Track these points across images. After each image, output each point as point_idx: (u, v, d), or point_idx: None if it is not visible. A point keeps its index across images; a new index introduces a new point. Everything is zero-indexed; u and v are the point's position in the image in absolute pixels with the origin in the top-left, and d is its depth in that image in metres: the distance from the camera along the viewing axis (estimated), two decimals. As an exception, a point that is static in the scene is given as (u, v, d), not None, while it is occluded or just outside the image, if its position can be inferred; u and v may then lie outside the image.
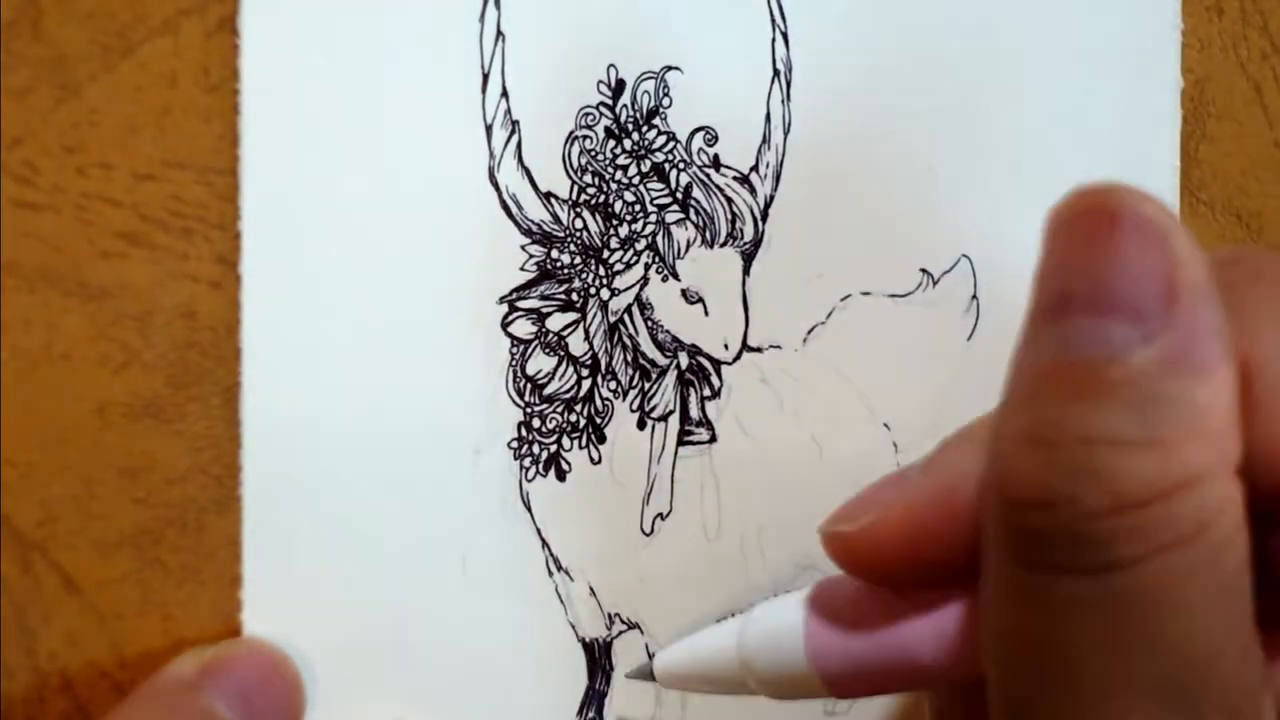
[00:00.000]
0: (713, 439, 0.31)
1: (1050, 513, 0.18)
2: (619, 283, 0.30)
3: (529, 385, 0.29)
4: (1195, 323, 0.18)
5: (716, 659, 0.26)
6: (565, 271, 0.29)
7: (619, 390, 0.30)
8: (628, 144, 0.29)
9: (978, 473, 0.20)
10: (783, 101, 0.31)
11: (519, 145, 0.28)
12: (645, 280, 0.30)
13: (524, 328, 0.29)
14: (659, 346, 0.30)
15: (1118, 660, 0.18)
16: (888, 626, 0.22)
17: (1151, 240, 0.18)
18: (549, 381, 0.29)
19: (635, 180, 0.30)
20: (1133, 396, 0.18)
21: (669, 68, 0.30)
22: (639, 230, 0.30)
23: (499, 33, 0.28)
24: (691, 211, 0.30)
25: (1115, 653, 0.18)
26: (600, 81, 0.29)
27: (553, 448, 0.29)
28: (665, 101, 0.30)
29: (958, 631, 0.22)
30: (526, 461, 0.29)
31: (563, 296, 0.29)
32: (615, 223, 0.29)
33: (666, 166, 0.30)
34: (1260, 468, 0.19)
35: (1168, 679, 0.18)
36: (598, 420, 0.30)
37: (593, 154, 0.29)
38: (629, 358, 0.30)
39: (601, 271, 0.29)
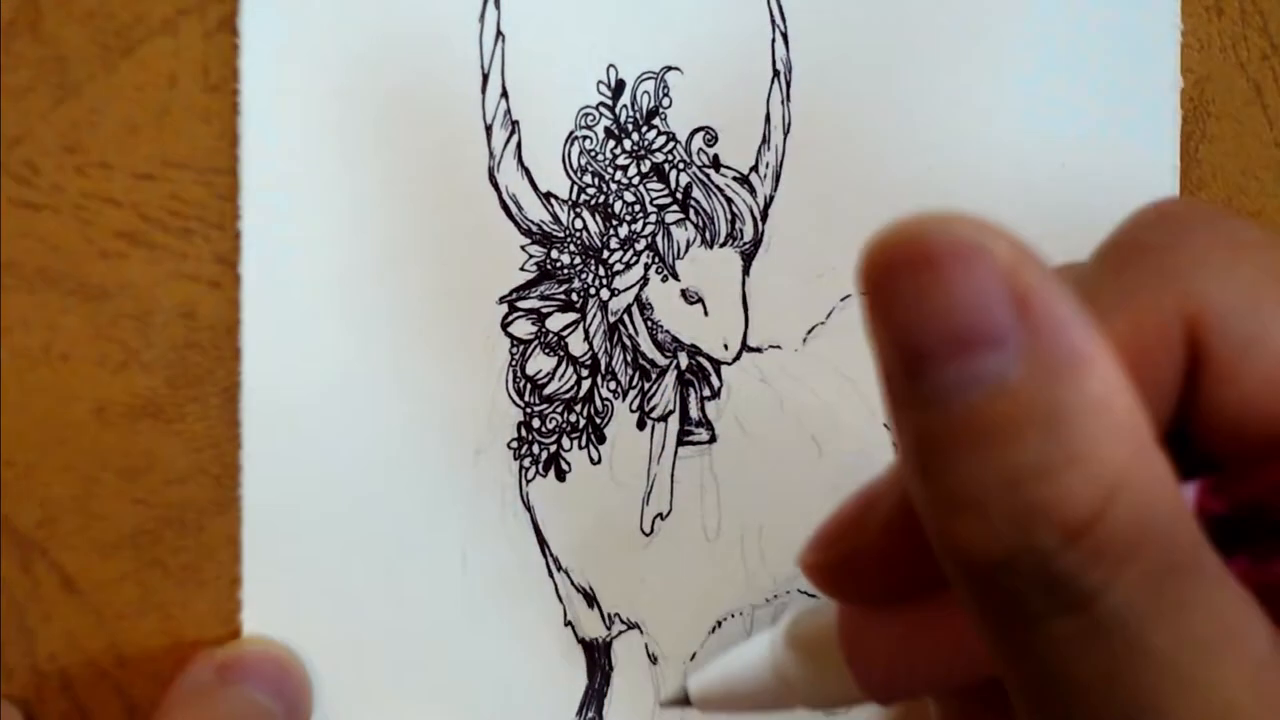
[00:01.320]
0: (713, 439, 0.31)
1: (1015, 567, 0.17)
2: (619, 283, 0.30)
3: (529, 385, 0.29)
4: (1054, 319, 0.17)
5: (752, 674, 0.25)
6: (565, 272, 0.29)
7: (619, 390, 0.30)
8: (627, 144, 0.29)
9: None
10: (782, 102, 0.31)
11: (519, 145, 0.28)
12: (645, 280, 0.30)
13: (524, 328, 0.29)
14: (659, 347, 0.30)
15: (1130, 680, 0.18)
16: (913, 630, 0.22)
17: (974, 258, 0.17)
18: (549, 381, 0.29)
19: (635, 180, 0.30)
20: (1032, 420, 0.17)
21: (669, 68, 0.30)
22: (639, 230, 0.30)
23: (499, 33, 0.28)
24: (691, 212, 0.30)
25: (1126, 674, 0.18)
26: (600, 82, 0.29)
27: (553, 448, 0.29)
28: (665, 102, 0.30)
29: (960, 637, 0.21)
30: (526, 461, 0.29)
31: (562, 297, 0.29)
32: (615, 223, 0.29)
33: (666, 167, 0.30)
34: (1236, 427, 0.18)
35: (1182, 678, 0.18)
36: (598, 420, 0.30)
37: (592, 154, 0.29)
38: (629, 358, 0.30)
39: (601, 272, 0.29)
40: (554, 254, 0.29)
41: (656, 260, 0.30)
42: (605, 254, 0.29)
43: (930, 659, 0.22)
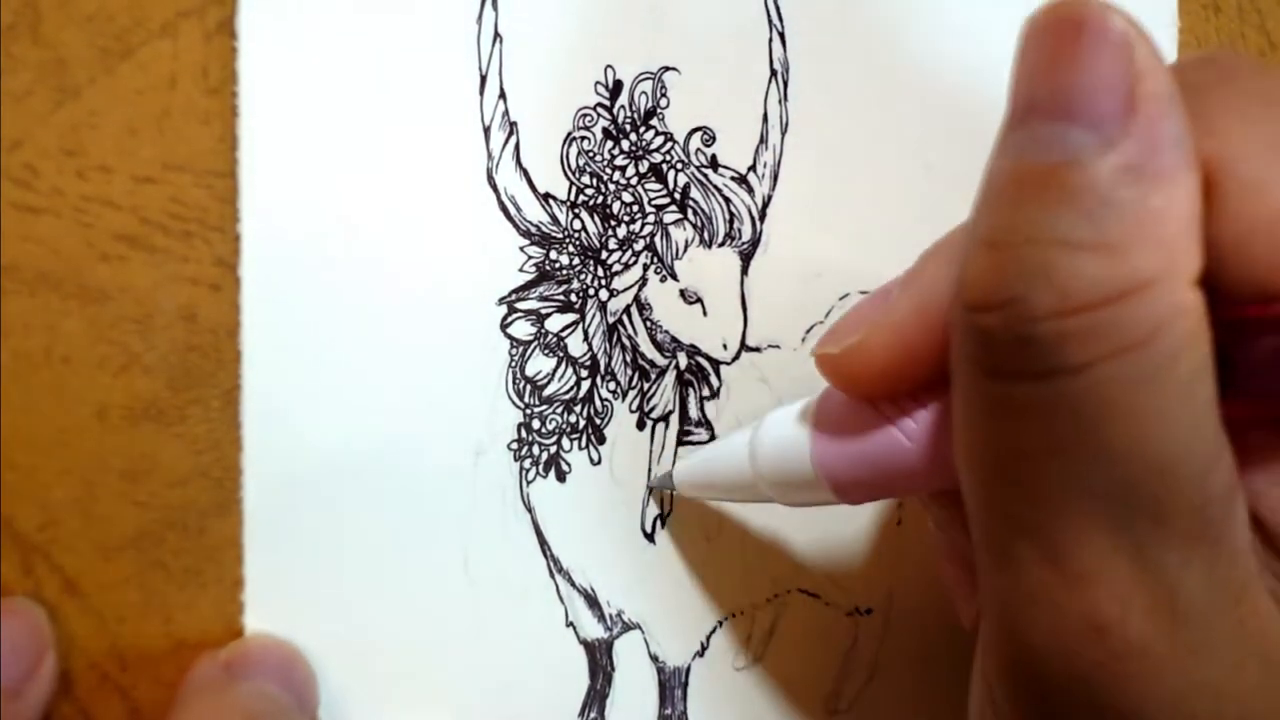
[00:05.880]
0: (712, 439, 0.31)
1: (999, 314, 0.18)
2: (617, 283, 0.30)
3: (528, 386, 0.29)
4: (1154, 132, 0.18)
5: (731, 468, 0.27)
6: (564, 272, 0.29)
7: (618, 391, 0.30)
8: (625, 145, 0.29)
9: (952, 284, 0.20)
10: (780, 101, 0.31)
11: (517, 146, 0.29)
12: (644, 281, 0.30)
13: (523, 329, 0.29)
14: (658, 347, 0.30)
15: (1073, 466, 0.18)
16: (882, 433, 0.23)
17: (1115, 50, 0.18)
18: (548, 382, 0.29)
19: (633, 181, 0.30)
20: (1086, 200, 0.18)
21: (666, 68, 0.30)
22: (637, 231, 0.30)
23: (497, 34, 0.28)
24: (689, 212, 0.30)
25: (1071, 459, 0.18)
26: (598, 82, 0.29)
27: (553, 449, 0.29)
28: (663, 102, 0.30)
29: (944, 435, 0.22)
30: (527, 463, 0.29)
31: (561, 297, 0.29)
32: (613, 223, 0.30)
33: (664, 167, 0.30)
34: (1229, 269, 0.19)
35: (1125, 486, 0.18)
36: (597, 421, 0.30)
37: (591, 155, 0.29)
38: (628, 358, 0.30)
39: (600, 272, 0.29)
40: (553, 255, 0.29)
41: (655, 260, 0.30)
42: (604, 254, 0.29)
43: (891, 463, 0.23)
